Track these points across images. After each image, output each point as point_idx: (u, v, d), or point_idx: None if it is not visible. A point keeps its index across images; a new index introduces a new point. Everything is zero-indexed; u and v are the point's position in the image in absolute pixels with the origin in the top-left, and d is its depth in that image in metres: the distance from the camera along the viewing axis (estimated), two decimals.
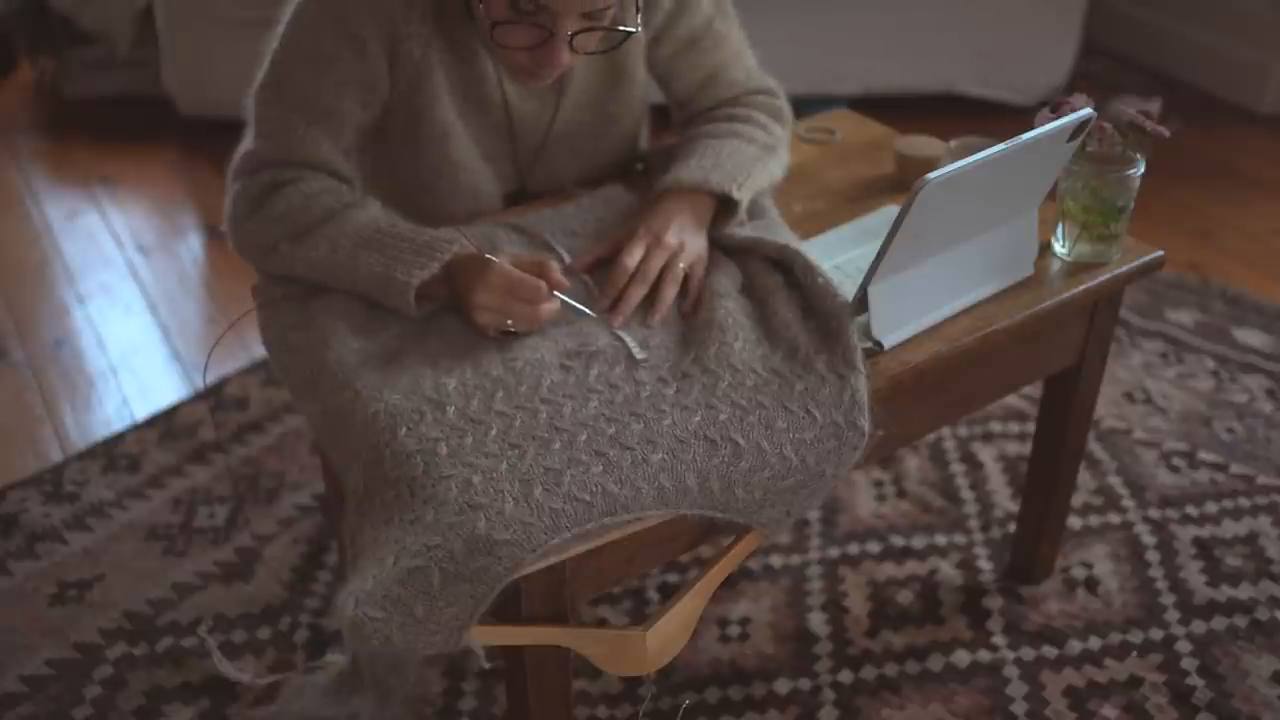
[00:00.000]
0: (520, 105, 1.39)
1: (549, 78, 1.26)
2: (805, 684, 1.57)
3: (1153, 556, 1.77)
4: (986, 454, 1.97)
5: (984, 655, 1.61)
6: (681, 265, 1.28)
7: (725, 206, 1.38)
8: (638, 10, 1.28)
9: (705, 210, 1.36)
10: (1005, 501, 1.87)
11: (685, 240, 1.30)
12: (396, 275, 1.21)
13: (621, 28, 1.25)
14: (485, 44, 1.31)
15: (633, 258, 1.28)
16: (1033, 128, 1.24)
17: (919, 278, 1.25)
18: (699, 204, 1.36)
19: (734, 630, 1.65)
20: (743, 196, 1.36)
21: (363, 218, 1.27)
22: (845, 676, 1.58)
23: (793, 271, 1.27)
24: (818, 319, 1.21)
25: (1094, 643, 1.62)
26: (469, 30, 1.31)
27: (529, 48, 1.21)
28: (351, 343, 1.20)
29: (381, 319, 1.25)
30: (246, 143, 1.33)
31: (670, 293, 1.26)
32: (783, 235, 1.36)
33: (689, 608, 1.16)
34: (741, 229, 1.36)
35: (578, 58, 1.27)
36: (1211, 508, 1.86)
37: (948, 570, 1.75)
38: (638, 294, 1.26)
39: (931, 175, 1.11)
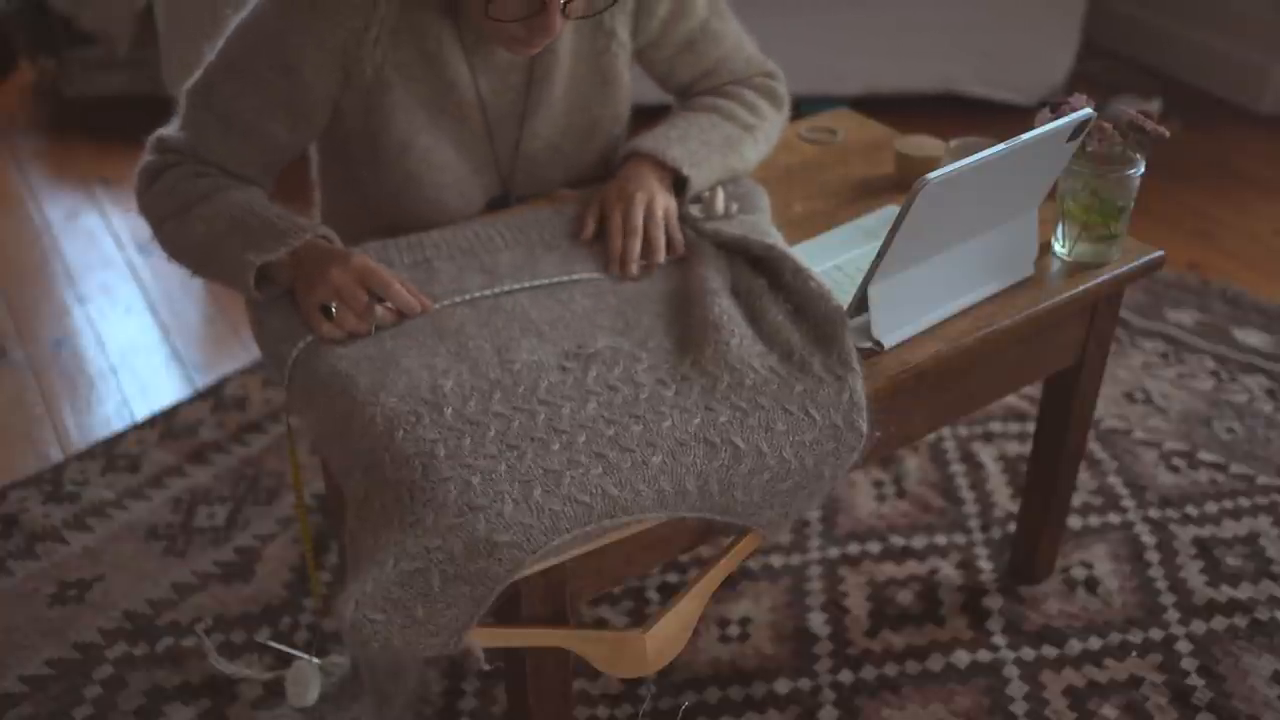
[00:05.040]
0: (493, 102, 1.40)
1: (541, 45, 1.29)
2: (805, 684, 1.57)
3: (1153, 556, 1.77)
4: (986, 454, 1.97)
5: (984, 655, 1.61)
6: (659, 211, 1.36)
7: (682, 181, 1.44)
8: None
9: (665, 176, 1.42)
10: (1005, 501, 1.87)
11: (652, 195, 1.37)
12: (246, 256, 1.23)
13: None
14: (471, 26, 1.32)
15: (617, 219, 1.36)
16: (1033, 128, 1.24)
17: (919, 278, 1.25)
18: (659, 170, 1.42)
19: (734, 630, 1.65)
20: (695, 175, 1.41)
21: (239, 198, 1.30)
22: (845, 676, 1.58)
23: (780, 274, 1.27)
24: (810, 322, 1.21)
25: (1094, 643, 1.62)
26: (439, 39, 1.32)
27: (524, 18, 1.24)
28: (345, 346, 1.20)
29: None
30: (167, 127, 1.35)
31: (659, 235, 1.35)
32: (770, 235, 1.36)
33: (688, 609, 1.16)
34: (728, 225, 1.37)
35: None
36: (1211, 508, 1.86)
37: (948, 570, 1.75)
38: (634, 245, 1.33)
39: (931, 175, 1.11)
